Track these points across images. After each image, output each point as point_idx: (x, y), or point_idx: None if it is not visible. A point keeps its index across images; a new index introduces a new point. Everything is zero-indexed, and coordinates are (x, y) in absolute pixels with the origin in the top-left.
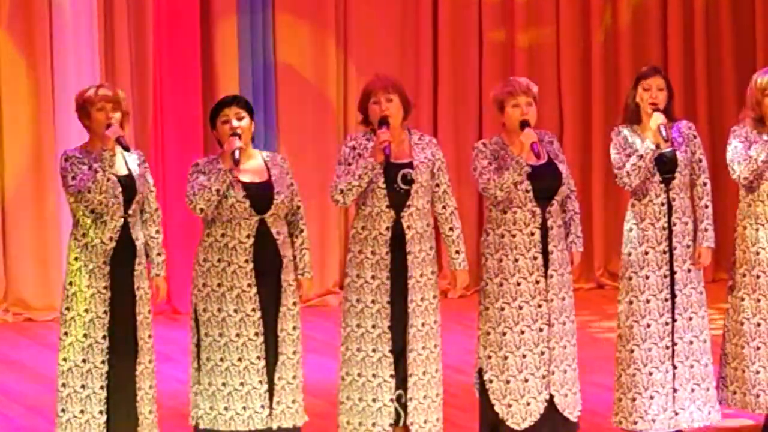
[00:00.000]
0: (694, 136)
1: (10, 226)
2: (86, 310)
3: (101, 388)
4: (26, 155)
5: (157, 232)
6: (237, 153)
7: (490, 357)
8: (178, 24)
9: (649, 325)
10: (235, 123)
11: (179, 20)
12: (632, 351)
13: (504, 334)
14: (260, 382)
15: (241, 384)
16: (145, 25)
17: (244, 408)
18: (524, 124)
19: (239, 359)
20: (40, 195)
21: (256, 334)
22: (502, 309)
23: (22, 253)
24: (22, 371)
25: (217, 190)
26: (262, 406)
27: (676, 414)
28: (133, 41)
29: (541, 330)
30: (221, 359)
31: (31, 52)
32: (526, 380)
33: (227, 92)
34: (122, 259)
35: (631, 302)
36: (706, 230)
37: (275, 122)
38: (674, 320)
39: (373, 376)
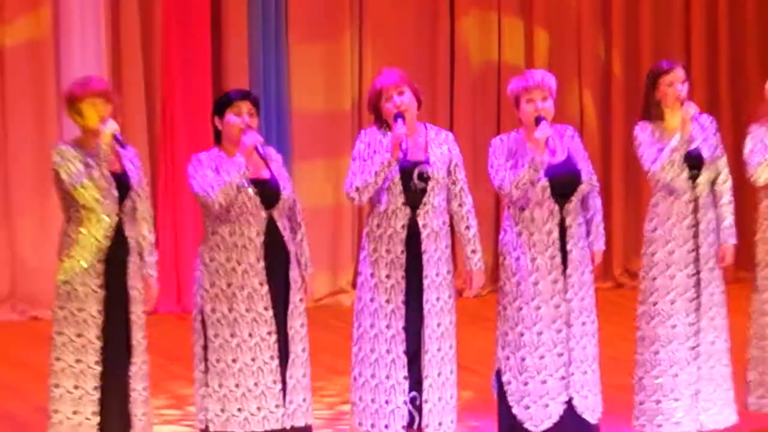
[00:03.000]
0: (715, 132)
1: (17, 224)
2: (79, 309)
3: (94, 389)
4: (32, 155)
5: (149, 231)
6: (260, 147)
7: (508, 358)
8: (187, 20)
9: (675, 326)
10: (247, 118)
11: (189, 15)
12: (657, 353)
13: (522, 334)
14: (274, 381)
15: (255, 384)
16: (154, 20)
17: (258, 408)
18: (539, 120)
19: (252, 359)
20: (45, 194)
21: (269, 333)
22: (520, 309)
23: (28, 251)
24: (29, 369)
25: (237, 185)
26: (277, 406)
27: (700, 416)
28: (141, 37)
29: (559, 331)
30: (233, 360)
31: (35, 48)
32: (545, 382)
33: (238, 84)
34: (116, 257)
35: (656, 303)
36: (729, 227)
37: (288, 121)
38: (699, 320)
39: (387, 377)
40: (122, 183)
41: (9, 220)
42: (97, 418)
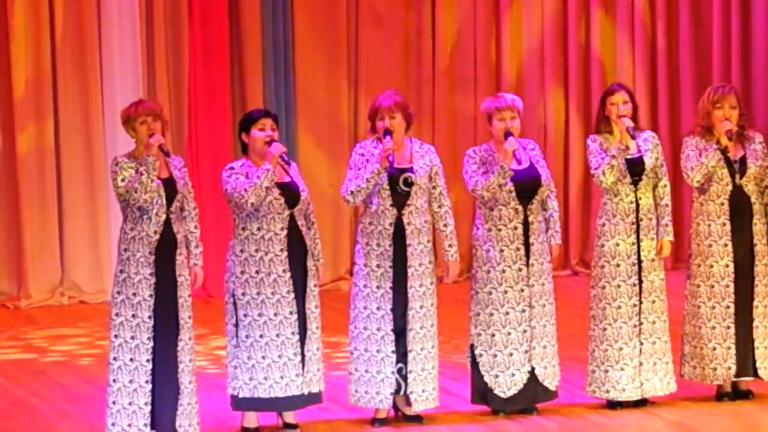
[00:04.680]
0: (657, 144)
1: (66, 221)
2: (134, 294)
3: (147, 361)
4: (80, 160)
5: (195, 227)
6: (285, 155)
7: (479, 334)
8: (210, 48)
9: (620, 307)
10: (269, 132)
11: (211, 45)
12: (605, 329)
13: (491, 314)
14: (294, 354)
15: (279, 356)
16: (182, 48)
17: (281, 377)
18: (507, 134)
19: (277, 335)
20: (91, 195)
21: (291, 312)
22: (490, 293)
23: (76, 244)
24: (76, 346)
25: (267, 187)
26: (297, 375)
27: (642, 384)
28: (170, 63)
29: (523, 311)
30: (261, 336)
31: (82, 71)
32: (511, 354)
33: (254, 107)
34: (165, 250)
35: (604, 287)
36: (667, 225)
37: (294, 136)
38: (641, 302)
39: (377, 351)
40: (170, 187)
41: (61, 220)
42: (150, 386)
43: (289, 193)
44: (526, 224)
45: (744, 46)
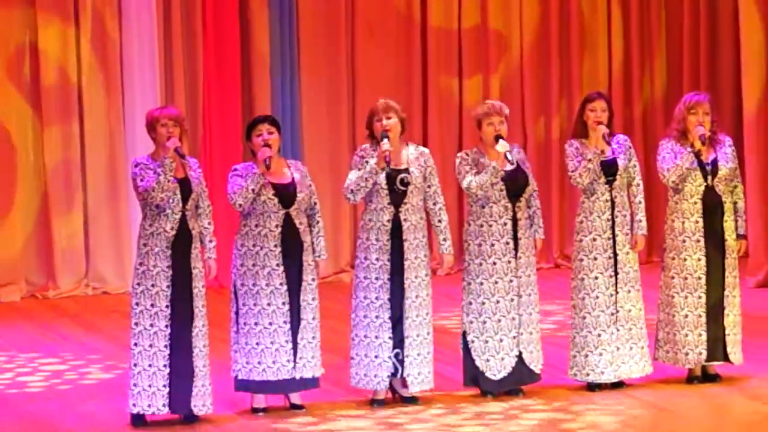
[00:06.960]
0: (630, 147)
1: (92, 219)
2: (153, 285)
3: (165, 346)
4: (104, 163)
5: (209, 223)
6: (268, 160)
7: (471, 322)
8: (222, 57)
9: (597, 297)
10: (266, 136)
11: (224, 54)
12: (584, 318)
13: (483, 303)
14: (286, 341)
15: (271, 343)
16: (196, 58)
17: (273, 362)
18: (498, 138)
19: (270, 323)
20: (114, 195)
21: (283, 303)
22: (481, 284)
23: (100, 240)
24: (100, 333)
25: (253, 190)
26: (288, 361)
27: (619, 368)
28: (186, 72)
29: (512, 300)
30: (255, 323)
31: (105, 79)
32: (501, 340)
33: (262, 112)
34: (181, 244)
35: (583, 279)
36: (640, 221)
37: (299, 137)
38: (617, 293)
39: (376, 337)
40: (185, 186)
41: (86, 218)
42: (167, 369)
43: (286, 194)
44: (514, 220)
45: (712, 55)
